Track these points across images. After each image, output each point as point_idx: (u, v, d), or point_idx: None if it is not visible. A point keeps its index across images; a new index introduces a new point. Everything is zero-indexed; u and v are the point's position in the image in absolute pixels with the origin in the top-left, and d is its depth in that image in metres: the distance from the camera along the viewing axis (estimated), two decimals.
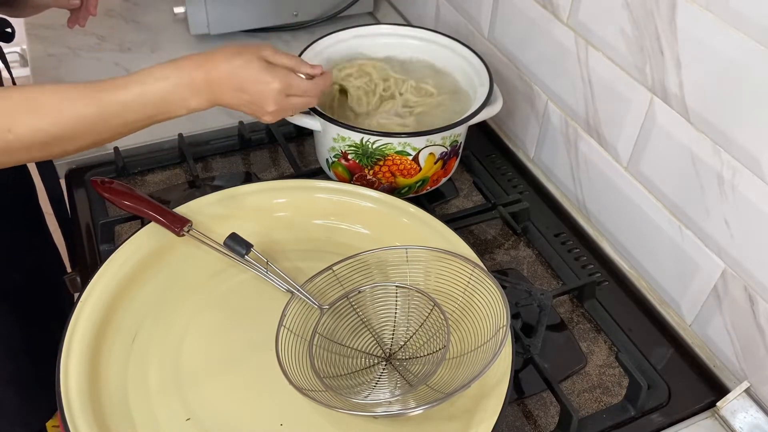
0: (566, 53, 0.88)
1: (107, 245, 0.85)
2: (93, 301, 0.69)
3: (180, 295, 0.75)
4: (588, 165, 0.90)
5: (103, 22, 1.26)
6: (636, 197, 0.84)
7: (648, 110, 0.78)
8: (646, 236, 0.84)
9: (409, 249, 0.75)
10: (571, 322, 0.82)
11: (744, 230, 0.70)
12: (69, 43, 1.20)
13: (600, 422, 0.71)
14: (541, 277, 0.87)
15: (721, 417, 0.73)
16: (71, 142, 0.67)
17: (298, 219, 0.82)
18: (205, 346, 0.71)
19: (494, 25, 1.03)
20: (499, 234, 0.92)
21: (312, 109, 0.84)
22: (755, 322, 0.72)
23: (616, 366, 0.77)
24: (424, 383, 0.65)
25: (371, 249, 0.75)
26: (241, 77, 0.72)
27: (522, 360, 0.74)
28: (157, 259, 0.76)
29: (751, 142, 0.67)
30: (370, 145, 0.83)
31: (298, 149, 1.03)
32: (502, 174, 1.00)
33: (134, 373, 0.67)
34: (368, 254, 0.75)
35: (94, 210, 0.91)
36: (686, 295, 0.80)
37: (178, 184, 0.96)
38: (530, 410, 0.73)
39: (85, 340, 0.66)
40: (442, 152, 0.86)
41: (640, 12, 0.75)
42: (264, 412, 0.65)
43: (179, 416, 0.64)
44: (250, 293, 0.76)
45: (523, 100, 1.01)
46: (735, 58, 0.66)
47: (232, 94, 0.72)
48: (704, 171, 0.73)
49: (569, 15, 0.86)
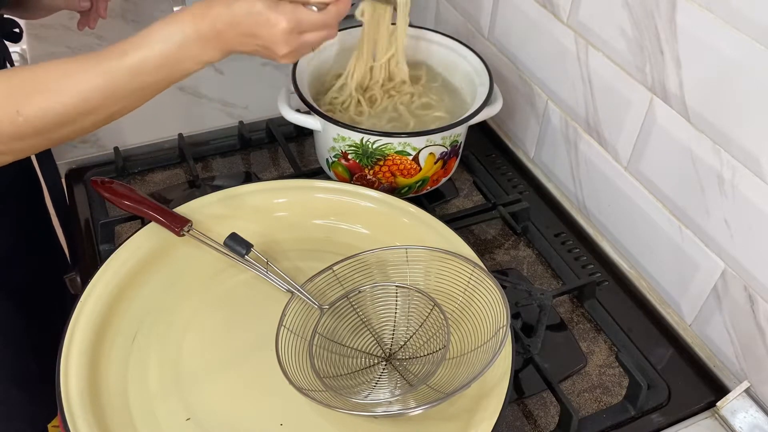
0: (566, 53, 0.88)
1: (107, 245, 0.85)
2: (93, 301, 0.69)
3: (180, 295, 0.75)
4: (588, 165, 0.90)
5: (103, 22, 1.25)
6: (636, 197, 0.84)
7: (648, 110, 0.78)
8: (646, 236, 0.84)
9: (409, 249, 0.74)
10: (571, 322, 0.82)
11: (744, 230, 0.70)
12: (69, 43, 1.20)
13: (600, 422, 0.71)
14: (541, 277, 0.87)
15: (721, 417, 0.73)
16: (86, 117, 0.64)
17: (298, 219, 0.82)
18: (205, 346, 0.71)
19: (494, 25, 1.03)
20: (499, 234, 0.92)
21: (312, 108, 0.84)
22: (755, 322, 0.72)
23: (616, 366, 0.77)
24: (424, 383, 0.65)
25: (371, 249, 0.75)
26: (246, 23, 0.66)
27: (522, 360, 0.74)
28: (157, 259, 0.76)
29: (751, 142, 0.67)
30: (370, 145, 0.83)
31: (298, 149, 1.03)
32: (502, 174, 1.00)
33: (134, 373, 0.67)
34: (368, 254, 0.75)
35: (94, 210, 0.91)
36: (686, 295, 0.80)
37: (178, 184, 0.96)
38: (530, 410, 0.73)
39: (85, 340, 0.66)
40: (442, 152, 0.86)
41: (640, 12, 0.75)
42: (264, 412, 0.65)
43: (179, 416, 0.64)
44: (250, 293, 0.76)
45: (523, 100, 1.01)
46: (735, 58, 0.66)
47: (241, 41, 0.67)
48: (704, 171, 0.73)
49: (569, 15, 0.86)
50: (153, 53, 0.64)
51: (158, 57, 0.64)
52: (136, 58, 0.64)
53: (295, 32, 0.67)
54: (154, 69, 0.64)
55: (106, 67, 0.63)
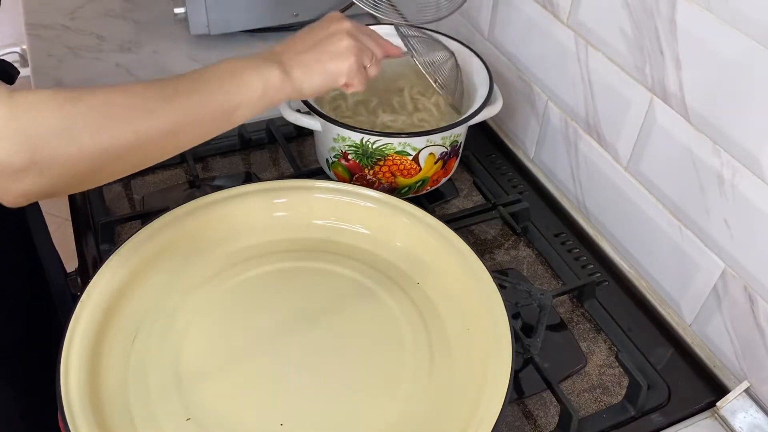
0: (566, 53, 0.88)
1: (107, 245, 0.85)
2: (93, 301, 0.69)
3: (180, 295, 0.74)
4: (588, 165, 0.90)
5: (103, 22, 1.26)
6: (636, 197, 0.84)
7: (648, 110, 0.78)
8: (646, 236, 0.84)
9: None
10: (571, 322, 0.82)
11: (744, 230, 0.70)
12: (69, 43, 1.20)
13: (600, 422, 0.71)
14: (541, 277, 0.87)
15: (721, 417, 0.73)
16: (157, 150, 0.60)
17: (298, 219, 0.82)
18: (205, 346, 0.70)
19: (494, 25, 1.03)
20: (499, 234, 0.92)
21: (312, 109, 0.84)
22: (755, 322, 0.72)
23: (616, 366, 0.77)
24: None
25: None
26: (308, 35, 0.69)
27: (522, 360, 0.74)
28: (157, 259, 0.76)
29: (751, 142, 0.67)
30: (370, 145, 0.83)
31: (298, 149, 1.03)
32: (502, 174, 1.00)
33: (134, 373, 0.67)
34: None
35: (94, 210, 0.91)
36: (686, 295, 0.80)
37: (178, 184, 0.96)
38: (530, 410, 0.73)
39: (85, 340, 0.66)
40: (442, 152, 0.86)
41: (640, 12, 0.75)
42: (264, 412, 0.65)
43: (179, 416, 0.64)
44: (250, 293, 0.76)
45: (523, 100, 1.01)
46: (735, 58, 0.66)
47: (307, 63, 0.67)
48: (704, 171, 0.73)
49: (569, 15, 0.86)
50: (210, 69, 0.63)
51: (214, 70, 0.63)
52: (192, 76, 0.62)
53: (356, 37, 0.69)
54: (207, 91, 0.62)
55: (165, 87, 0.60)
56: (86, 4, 1.29)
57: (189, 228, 0.78)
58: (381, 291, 0.75)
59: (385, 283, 0.76)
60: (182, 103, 0.60)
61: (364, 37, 0.71)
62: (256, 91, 0.64)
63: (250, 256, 0.79)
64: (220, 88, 0.62)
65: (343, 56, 0.68)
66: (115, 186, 0.95)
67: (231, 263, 0.77)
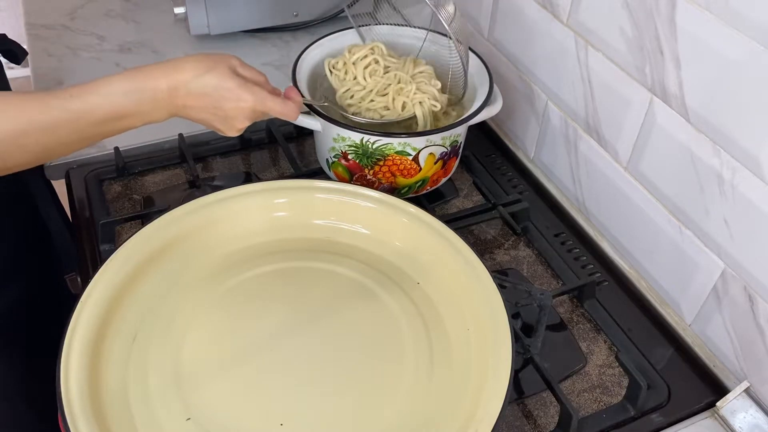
0: (566, 53, 0.88)
1: (107, 245, 0.85)
2: (93, 301, 0.69)
3: (180, 295, 0.75)
4: (588, 165, 0.90)
5: (103, 22, 1.26)
6: (636, 197, 0.84)
7: (648, 110, 0.78)
8: (646, 236, 0.84)
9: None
10: (571, 322, 0.82)
11: (744, 230, 0.71)
12: (69, 43, 1.20)
13: (600, 422, 0.71)
14: (541, 277, 0.87)
15: (720, 417, 0.73)
16: (15, 150, 0.64)
17: (298, 219, 0.82)
18: (205, 346, 0.71)
19: (494, 25, 1.03)
20: (499, 234, 0.92)
21: (312, 109, 0.84)
22: (755, 322, 0.72)
23: (615, 366, 0.77)
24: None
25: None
26: (214, 96, 0.70)
27: (522, 360, 0.74)
28: (157, 259, 0.76)
29: (751, 142, 0.67)
30: (370, 145, 0.83)
31: (298, 149, 1.03)
32: (502, 174, 1.00)
33: (134, 373, 0.67)
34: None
35: (94, 210, 0.91)
36: (686, 295, 0.80)
37: (178, 184, 0.96)
38: (530, 410, 0.73)
39: (85, 340, 0.66)
40: (442, 152, 0.86)
41: (640, 12, 0.75)
42: (264, 412, 0.65)
43: (179, 416, 0.64)
44: (250, 293, 0.76)
45: (523, 100, 1.01)
46: (735, 58, 0.66)
47: (200, 109, 0.71)
48: (704, 171, 0.73)
49: (569, 15, 0.86)
50: (107, 104, 0.66)
51: (110, 109, 0.66)
52: (90, 104, 0.65)
53: (258, 112, 0.73)
54: (101, 119, 0.66)
55: (56, 105, 0.64)
56: (86, 4, 1.29)
57: (189, 228, 0.78)
58: (381, 291, 0.76)
59: (385, 283, 0.76)
60: (62, 130, 0.65)
61: (265, 109, 0.73)
62: (132, 128, 0.70)
63: (250, 256, 0.79)
64: (100, 126, 0.67)
65: (233, 128, 0.74)
66: (115, 186, 0.95)
67: (231, 263, 0.77)
